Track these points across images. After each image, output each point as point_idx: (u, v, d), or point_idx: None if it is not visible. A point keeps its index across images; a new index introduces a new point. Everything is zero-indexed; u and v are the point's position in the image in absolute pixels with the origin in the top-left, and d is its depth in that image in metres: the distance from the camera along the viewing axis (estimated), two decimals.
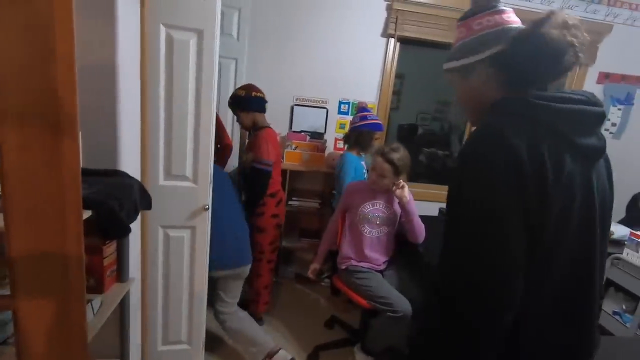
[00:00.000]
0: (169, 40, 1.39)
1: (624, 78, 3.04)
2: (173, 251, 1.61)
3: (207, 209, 1.56)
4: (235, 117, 2.29)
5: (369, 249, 2.00)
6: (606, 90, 3.03)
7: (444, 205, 2.74)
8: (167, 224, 1.57)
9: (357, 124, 2.40)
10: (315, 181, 2.96)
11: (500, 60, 0.76)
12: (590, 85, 3.01)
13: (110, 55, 1.20)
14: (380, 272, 2.04)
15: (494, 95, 0.77)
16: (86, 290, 1.13)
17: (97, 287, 1.21)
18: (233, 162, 2.65)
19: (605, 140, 0.75)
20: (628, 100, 3.07)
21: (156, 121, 1.44)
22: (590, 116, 0.72)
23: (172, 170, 1.51)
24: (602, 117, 0.74)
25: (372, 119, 2.39)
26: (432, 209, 2.70)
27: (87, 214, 0.96)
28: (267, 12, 2.65)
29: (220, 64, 2.49)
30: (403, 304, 1.80)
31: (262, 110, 2.22)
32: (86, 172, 1.23)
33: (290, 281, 2.92)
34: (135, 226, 1.47)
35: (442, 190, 3.16)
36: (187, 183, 1.54)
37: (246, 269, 1.92)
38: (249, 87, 2.18)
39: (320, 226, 2.86)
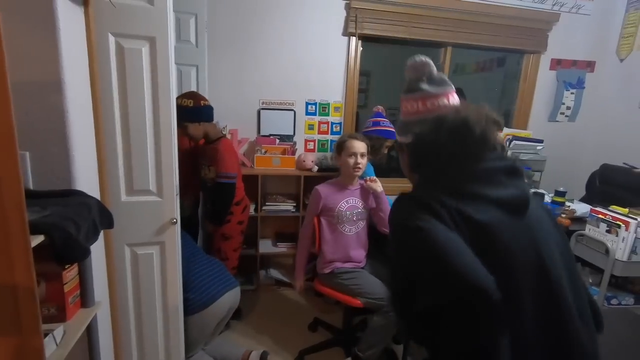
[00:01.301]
0: (119, 50, 1.32)
1: (574, 63, 3.20)
2: (142, 269, 1.54)
3: (175, 222, 1.51)
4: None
5: (352, 248, 2.00)
6: (559, 76, 3.18)
7: None
8: (133, 241, 1.50)
9: (369, 129, 2.39)
10: (288, 184, 2.93)
11: (411, 149, 0.86)
12: (544, 71, 3.15)
13: (54, 69, 1.12)
14: (363, 267, 2.05)
15: (414, 173, 0.88)
16: (47, 319, 1.06)
17: (59, 316, 1.13)
18: None
19: (527, 190, 0.77)
20: (579, 85, 3.23)
21: (112, 135, 1.37)
22: (498, 171, 0.75)
23: (134, 185, 1.45)
24: (512, 169, 0.76)
25: (385, 126, 2.37)
26: None
27: (39, 239, 0.89)
28: (224, 16, 2.60)
29: (180, 71, 2.45)
30: None
31: (212, 119, 2.15)
32: (38, 195, 1.15)
33: (270, 287, 2.87)
34: (99, 247, 1.39)
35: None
36: (152, 197, 1.48)
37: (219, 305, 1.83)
38: (194, 96, 2.06)
39: (297, 229, 2.83)
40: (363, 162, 1.95)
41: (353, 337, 2.24)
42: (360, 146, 1.94)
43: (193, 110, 2.02)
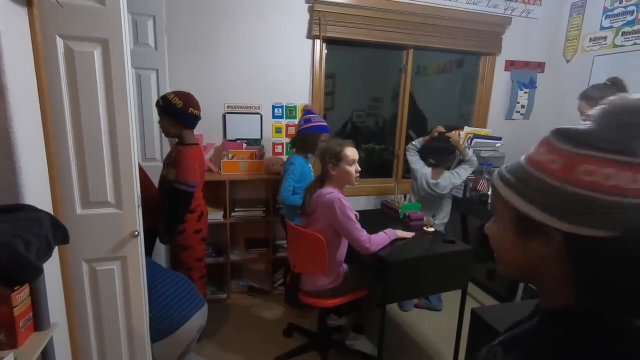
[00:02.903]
0: (69, 53, 1.24)
1: (526, 65, 3.39)
2: (103, 286, 1.45)
3: (137, 235, 1.43)
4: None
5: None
6: (513, 76, 3.36)
7: (385, 198, 2.84)
8: (91, 257, 1.41)
9: (302, 127, 2.39)
10: (257, 189, 2.88)
11: (586, 252, 0.47)
12: (499, 72, 3.31)
13: None
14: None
15: (560, 288, 0.51)
16: None
17: (9, 342, 1.03)
18: None
19: None
20: (532, 84, 3.42)
21: (64, 144, 1.28)
22: None
23: (91, 197, 1.36)
24: None
25: (317, 122, 2.38)
26: (372, 202, 2.77)
27: None
28: (184, 19, 2.52)
29: (139, 75, 2.35)
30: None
31: (191, 128, 2.10)
32: None
33: (243, 295, 2.81)
34: (53, 264, 1.29)
35: (382, 184, 3.26)
36: (110, 209, 1.39)
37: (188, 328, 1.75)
38: (188, 101, 2.00)
39: (268, 235, 2.79)
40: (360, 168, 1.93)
41: (328, 339, 2.24)
42: (355, 152, 1.88)
43: (180, 112, 1.98)
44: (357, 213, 2.13)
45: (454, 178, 2.61)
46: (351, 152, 1.86)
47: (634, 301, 0.45)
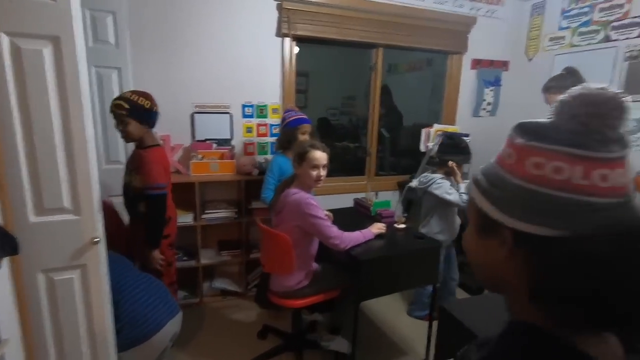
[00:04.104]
0: (16, 51, 1.16)
1: (491, 63, 3.49)
2: (62, 297, 1.37)
3: (98, 241, 1.36)
4: (118, 122, 1.88)
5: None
6: (479, 75, 3.45)
7: (357, 195, 2.85)
8: (48, 267, 1.33)
9: (280, 128, 2.44)
10: (228, 190, 2.82)
11: (534, 254, 0.44)
12: (466, 70, 3.40)
13: None
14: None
15: (520, 299, 0.47)
16: None
17: None
18: None
19: None
20: (497, 82, 3.54)
21: (13, 148, 1.20)
22: None
23: (45, 204, 1.28)
24: None
25: (292, 117, 2.39)
26: (347, 200, 2.78)
27: None
28: (147, 15, 2.43)
29: (99, 74, 2.24)
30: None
31: (154, 126, 2.02)
32: None
33: (216, 298, 2.75)
34: (3, 276, 1.21)
35: (356, 182, 3.28)
36: (67, 216, 1.32)
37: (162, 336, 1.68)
38: (151, 99, 1.91)
39: (240, 236, 2.75)
40: (325, 174, 1.87)
41: (303, 340, 2.23)
42: (323, 157, 1.83)
43: (148, 112, 1.89)
44: (331, 213, 2.14)
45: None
46: (317, 156, 1.82)
47: (585, 314, 0.40)
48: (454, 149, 2.37)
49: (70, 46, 1.21)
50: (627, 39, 2.66)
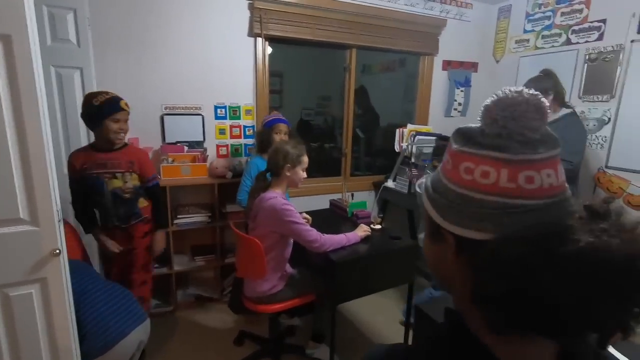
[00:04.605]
0: None
1: (461, 64, 3.58)
2: (19, 314, 1.28)
3: (59, 253, 1.28)
4: (123, 121, 1.90)
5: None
6: (450, 76, 3.53)
7: (333, 196, 2.85)
8: (2, 282, 1.24)
9: (258, 130, 2.51)
10: (201, 194, 2.75)
11: (487, 258, 0.41)
12: (438, 71, 3.47)
13: None
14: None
15: (460, 292, 0.48)
16: None
17: None
18: None
19: None
20: (467, 83, 3.63)
21: None
22: None
23: None
24: None
25: (267, 118, 2.43)
26: (323, 202, 2.78)
27: None
28: (110, 12, 2.32)
29: (59, 74, 2.13)
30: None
31: None
32: None
33: (190, 305, 2.67)
34: None
35: (331, 182, 3.28)
36: (24, 227, 1.23)
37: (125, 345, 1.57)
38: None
39: (214, 241, 2.68)
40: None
41: (281, 344, 2.20)
42: (307, 161, 1.95)
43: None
44: (309, 216, 2.13)
45: None
46: (306, 159, 1.94)
47: (511, 314, 0.39)
48: None
49: (23, 45, 1.13)
50: (586, 42, 2.79)
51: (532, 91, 0.44)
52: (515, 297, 0.37)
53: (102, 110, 1.79)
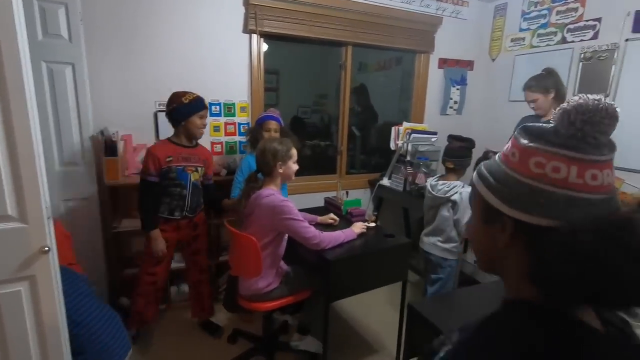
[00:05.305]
0: None
1: (457, 63, 3.58)
2: (7, 312, 1.26)
3: (47, 251, 1.27)
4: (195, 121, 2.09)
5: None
6: (446, 74, 3.53)
7: (328, 194, 2.84)
8: None
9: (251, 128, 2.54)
10: None
11: (553, 243, 0.47)
12: (433, 69, 3.46)
13: None
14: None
15: (518, 279, 0.54)
16: None
17: None
18: None
19: None
20: (463, 82, 3.63)
21: None
22: None
23: None
24: None
25: (260, 115, 2.46)
26: (318, 199, 2.77)
27: None
28: (103, 7, 2.28)
29: (50, 70, 2.10)
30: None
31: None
32: None
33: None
34: None
35: (327, 180, 3.27)
36: (12, 224, 1.22)
37: None
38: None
39: (209, 238, 2.66)
40: None
41: (274, 342, 2.20)
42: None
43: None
44: (336, 218, 2.20)
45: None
46: (295, 150, 1.94)
47: (575, 291, 0.46)
48: (469, 151, 2.20)
49: (10, 40, 1.11)
50: (581, 40, 2.80)
51: (608, 100, 0.50)
52: (582, 278, 0.44)
53: (190, 106, 2.02)
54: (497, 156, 0.58)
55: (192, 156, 2.11)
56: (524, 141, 0.53)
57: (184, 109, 2.03)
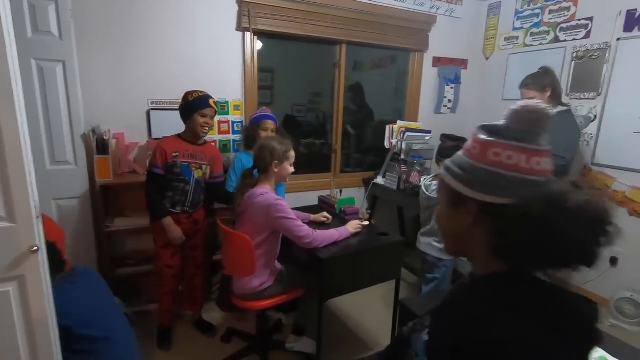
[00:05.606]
0: None
1: (451, 61, 3.59)
2: None
3: (37, 250, 1.25)
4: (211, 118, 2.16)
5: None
6: (440, 72, 3.54)
7: (322, 193, 2.84)
8: None
9: (245, 126, 2.54)
10: None
11: (511, 219, 0.58)
12: (428, 68, 3.47)
13: None
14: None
15: (483, 246, 0.64)
16: None
17: None
18: None
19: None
20: (457, 80, 3.64)
21: None
22: None
23: None
24: None
25: (255, 114, 2.45)
26: (312, 198, 2.77)
27: None
28: (94, 5, 2.26)
29: (40, 67, 2.08)
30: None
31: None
32: None
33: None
34: None
35: (321, 179, 3.27)
36: (0, 223, 1.20)
37: None
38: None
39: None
40: None
41: (268, 341, 2.19)
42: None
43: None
44: (329, 216, 2.20)
45: None
46: (293, 153, 1.95)
47: (537, 256, 0.58)
48: None
49: None
50: (574, 39, 2.82)
51: (543, 104, 0.63)
52: (537, 244, 0.56)
53: (194, 104, 2.07)
54: (460, 152, 0.69)
55: (198, 154, 2.14)
56: (483, 136, 0.65)
57: (187, 107, 2.08)
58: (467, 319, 0.57)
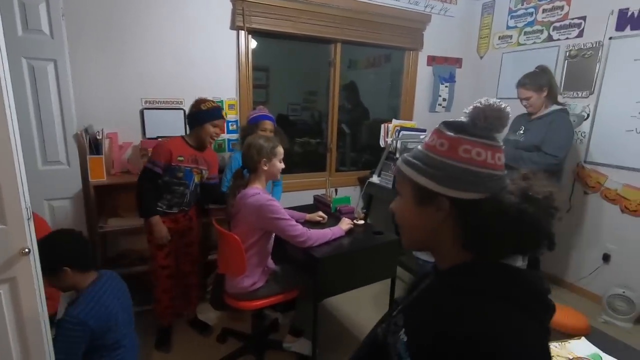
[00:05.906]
0: None
1: (446, 60, 3.60)
2: None
3: (28, 252, 1.24)
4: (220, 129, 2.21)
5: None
6: (434, 71, 3.55)
7: (317, 192, 2.84)
8: None
9: (242, 126, 2.54)
10: None
11: (482, 212, 0.61)
12: (422, 67, 3.48)
13: None
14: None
15: (452, 249, 0.66)
16: None
17: None
18: None
19: None
20: (451, 79, 3.65)
21: None
22: None
23: None
24: None
25: (253, 114, 2.46)
26: (307, 197, 2.76)
27: None
28: (86, 2, 2.24)
29: (32, 66, 2.05)
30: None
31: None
32: None
33: None
34: None
35: (316, 178, 3.27)
36: None
37: None
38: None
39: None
40: None
41: (264, 340, 2.19)
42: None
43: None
44: (325, 216, 2.19)
45: None
46: (281, 149, 1.92)
47: (506, 245, 0.62)
48: None
49: None
50: (567, 38, 2.83)
51: (502, 103, 0.65)
52: (511, 234, 0.59)
53: (207, 114, 2.08)
54: (419, 147, 0.69)
55: (200, 159, 2.16)
56: (450, 133, 0.64)
57: (199, 115, 2.08)
58: (446, 312, 0.59)
